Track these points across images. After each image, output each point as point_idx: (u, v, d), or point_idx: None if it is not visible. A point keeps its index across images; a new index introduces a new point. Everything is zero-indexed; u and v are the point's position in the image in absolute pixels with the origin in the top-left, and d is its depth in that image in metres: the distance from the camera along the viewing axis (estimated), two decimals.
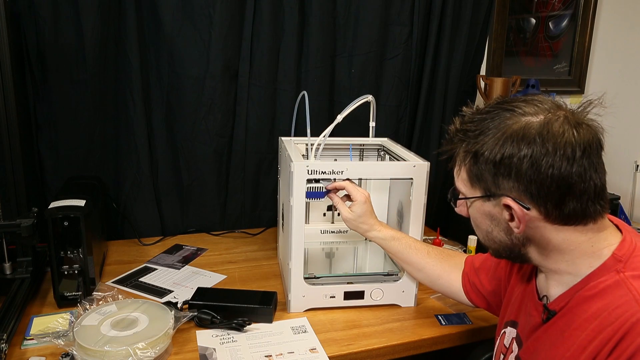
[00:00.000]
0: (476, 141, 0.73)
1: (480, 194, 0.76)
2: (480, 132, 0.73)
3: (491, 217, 0.77)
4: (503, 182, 0.71)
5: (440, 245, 1.49)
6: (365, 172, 1.29)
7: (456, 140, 0.77)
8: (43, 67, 1.39)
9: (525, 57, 2.15)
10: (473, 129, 0.74)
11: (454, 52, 1.78)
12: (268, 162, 1.69)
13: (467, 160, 0.75)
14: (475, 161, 0.73)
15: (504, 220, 0.74)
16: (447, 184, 1.92)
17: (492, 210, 0.75)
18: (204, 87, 1.54)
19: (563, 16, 2.16)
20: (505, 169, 0.70)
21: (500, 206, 0.73)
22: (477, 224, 0.82)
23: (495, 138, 0.71)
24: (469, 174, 0.76)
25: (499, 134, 0.70)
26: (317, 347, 1.04)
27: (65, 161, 1.48)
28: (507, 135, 0.70)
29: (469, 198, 0.78)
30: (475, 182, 0.76)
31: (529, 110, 0.71)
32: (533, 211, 0.71)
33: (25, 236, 1.18)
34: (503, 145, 0.69)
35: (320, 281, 1.21)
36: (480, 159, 0.72)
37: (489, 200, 0.75)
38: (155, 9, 1.46)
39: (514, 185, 0.70)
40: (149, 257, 1.48)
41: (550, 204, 0.69)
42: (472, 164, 0.75)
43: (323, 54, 1.64)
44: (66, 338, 0.96)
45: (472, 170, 0.75)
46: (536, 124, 0.69)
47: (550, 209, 0.70)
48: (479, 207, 0.78)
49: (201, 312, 1.09)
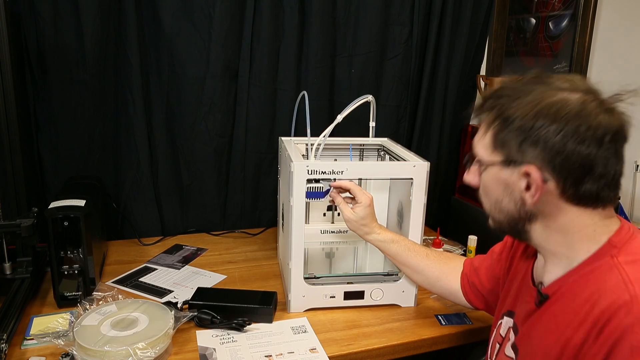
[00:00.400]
0: (509, 106, 0.73)
1: (500, 159, 0.75)
2: (515, 98, 0.73)
3: (505, 185, 0.76)
4: (529, 150, 0.71)
5: (440, 246, 1.49)
6: (365, 172, 1.29)
7: (487, 106, 0.77)
8: (43, 67, 1.39)
9: (525, 57, 2.15)
10: (507, 95, 0.74)
11: (454, 52, 1.78)
12: (268, 162, 1.69)
13: (495, 124, 0.75)
14: (505, 126, 0.73)
15: (518, 189, 0.74)
16: (447, 184, 1.93)
17: (509, 178, 0.75)
18: (204, 87, 1.54)
19: (563, 16, 2.16)
20: (534, 137, 0.70)
21: (519, 174, 0.73)
22: (487, 192, 0.80)
23: (529, 106, 0.71)
24: (494, 139, 0.76)
25: (534, 102, 0.71)
26: (317, 347, 1.05)
27: (65, 161, 1.48)
28: (542, 105, 0.70)
29: (490, 163, 0.77)
30: (498, 147, 0.75)
31: (566, 86, 0.72)
32: (551, 184, 0.71)
33: (25, 236, 1.18)
34: (537, 114, 0.70)
35: (320, 281, 1.21)
36: (511, 125, 0.72)
37: (508, 167, 0.74)
38: (155, 9, 1.46)
39: (540, 154, 0.70)
40: (149, 257, 1.48)
41: (570, 180, 0.70)
42: (500, 129, 0.74)
43: (323, 54, 1.64)
44: (66, 338, 0.96)
45: (499, 135, 0.75)
46: (573, 101, 0.69)
47: (567, 186, 0.71)
48: (494, 174, 0.77)
49: (201, 312, 1.09)
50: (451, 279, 1.09)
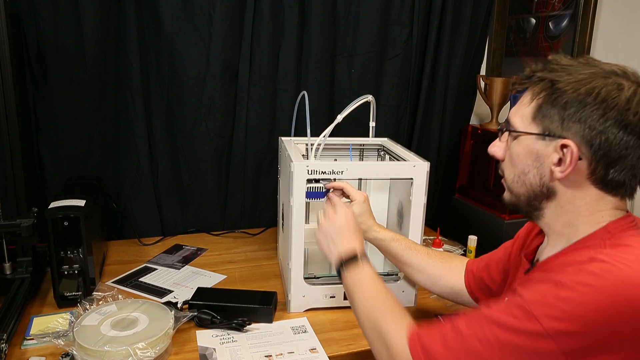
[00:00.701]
0: (561, 80, 0.73)
1: (538, 131, 0.76)
2: (568, 74, 0.73)
3: (536, 157, 0.76)
4: (572, 125, 0.72)
5: (440, 245, 1.49)
6: (365, 172, 1.29)
7: (536, 77, 0.77)
8: (43, 67, 1.39)
9: (525, 57, 2.15)
10: (560, 69, 0.75)
11: (454, 52, 1.78)
12: (268, 162, 1.69)
13: (542, 95, 0.75)
14: (552, 98, 0.73)
15: (549, 162, 0.75)
16: (447, 184, 1.93)
17: (543, 150, 0.75)
18: (204, 87, 1.54)
19: (563, 16, 2.16)
20: (581, 114, 0.71)
21: (554, 147, 0.74)
22: (514, 162, 0.80)
23: (582, 83, 0.71)
24: (537, 109, 0.76)
25: (586, 81, 0.71)
26: (317, 347, 1.05)
27: (65, 161, 1.48)
28: (594, 85, 0.71)
29: (525, 133, 0.77)
30: (538, 118, 0.75)
31: (620, 72, 0.72)
32: (583, 163, 0.72)
33: (25, 236, 1.18)
34: (588, 93, 0.70)
35: (320, 281, 1.21)
36: (559, 97, 0.73)
37: (545, 139, 0.75)
38: (155, 9, 1.46)
39: (582, 131, 0.71)
40: (149, 257, 1.48)
41: (603, 162, 0.71)
42: (546, 100, 0.74)
43: (323, 54, 1.64)
44: (66, 338, 0.96)
45: (543, 106, 0.75)
46: (626, 87, 0.70)
47: (599, 168, 0.72)
48: (528, 144, 0.77)
49: (201, 312, 1.09)
50: (454, 277, 1.08)
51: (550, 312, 0.65)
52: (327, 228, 1.01)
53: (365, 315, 0.87)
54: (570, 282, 0.66)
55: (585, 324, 0.63)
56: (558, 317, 0.64)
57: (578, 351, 0.64)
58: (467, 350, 0.70)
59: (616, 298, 0.63)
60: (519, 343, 0.66)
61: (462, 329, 0.72)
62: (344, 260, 0.95)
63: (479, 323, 0.71)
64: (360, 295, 0.90)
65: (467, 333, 0.71)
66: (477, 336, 0.69)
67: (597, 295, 0.64)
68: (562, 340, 0.64)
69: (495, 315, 0.70)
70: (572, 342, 0.64)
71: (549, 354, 0.65)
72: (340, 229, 0.99)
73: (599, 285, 0.64)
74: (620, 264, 0.66)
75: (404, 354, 0.76)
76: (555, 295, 0.66)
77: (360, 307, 0.89)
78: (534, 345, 0.65)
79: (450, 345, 0.72)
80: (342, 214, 1.01)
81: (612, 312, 0.63)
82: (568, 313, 0.64)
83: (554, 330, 0.64)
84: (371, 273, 0.92)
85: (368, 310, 0.87)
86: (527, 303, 0.67)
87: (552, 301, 0.65)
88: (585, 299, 0.64)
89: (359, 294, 0.90)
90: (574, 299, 0.64)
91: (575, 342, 0.64)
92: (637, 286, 0.64)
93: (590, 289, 0.64)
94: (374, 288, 0.89)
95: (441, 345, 0.72)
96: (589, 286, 0.64)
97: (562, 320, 0.64)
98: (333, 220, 1.01)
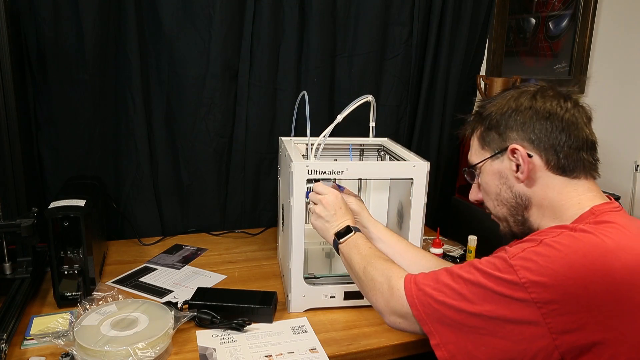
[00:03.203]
0: (485, 109, 0.90)
1: (490, 154, 0.89)
2: (488, 102, 0.90)
3: (500, 175, 0.88)
4: (509, 133, 0.85)
5: (440, 245, 1.49)
6: (365, 172, 1.29)
7: (471, 121, 0.93)
8: (43, 67, 1.39)
9: (525, 57, 2.15)
10: (482, 104, 0.92)
11: (454, 52, 1.78)
12: (268, 162, 1.69)
13: (478, 128, 0.91)
14: (485, 124, 0.89)
15: (511, 173, 0.86)
16: (447, 184, 1.93)
17: (501, 166, 0.87)
18: (204, 87, 1.54)
19: (563, 16, 2.16)
20: (509, 121, 0.85)
21: (508, 158, 0.86)
22: (487, 191, 0.92)
23: (500, 103, 0.87)
24: (480, 140, 0.91)
25: (504, 98, 0.88)
26: (317, 347, 1.05)
27: (65, 161, 1.48)
28: (509, 97, 0.87)
29: (482, 161, 0.90)
30: (485, 144, 0.89)
31: (529, 88, 0.88)
32: (535, 158, 0.83)
33: (25, 236, 1.18)
34: (507, 103, 0.86)
35: (320, 281, 1.21)
36: (490, 121, 0.88)
37: (498, 157, 0.88)
38: (155, 9, 1.46)
39: (519, 134, 0.84)
40: (149, 257, 1.48)
41: (550, 151, 0.82)
42: (483, 130, 0.90)
43: (323, 54, 1.64)
44: (66, 338, 0.96)
45: (483, 134, 0.89)
46: (531, 89, 0.87)
47: (550, 156, 0.82)
48: (488, 170, 0.90)
49: (201, 312, 1.09)
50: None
51: (527, 264, 0.71)
52: (319, 211, 1.06)
53: (362, 272, 0.93)
54: (549, 241, 0.73)
55: (556, 277, 0.69)
56: (532, 269, 0.71)
57: (550, 303, 0.69)
58: (452, 288, 0.77)
59: (589, 257, 0.70)
60: (497, 289, 0.73)
61: (452, 271, 0.80)
62: (339, 233, 1.02)
63: (467, 269, 0.78)
64: (356, 256, 0.96)
65: (457, 274, 0.79)
66: (463, 277, 0.77)
67: (571, 253, 0.70)
68: (534, 291, 0.70)
69: (482, 264, 0.77)
70: (545, 293, 0.69)
71: (523, 303, 0.70)
72: (332, 209, 1.05)
73: (574, 245, 0.71)
74: (599, 234, 0.72)
75: (398, 290, 0.84)
76: (534, 250, 0.73)
77: (357, 266, 0.95)
78: (510, 292, 0.72)
79: (440, 280, 0.80)
80: (330, 196, 1.06)
81: (582, 269, 0.69)
82: (542, 266, 0.70)
83: (527, 280, 0.70)
84: (365, 238, 1.00)
85: (365, 265, 0.93)
86: (509, 256, 0.74)
87: (530, 255, 0.72)
88: (559, 254, 0.71)
89: (355, 256, 0.96)
90: (549, 254, 0.71)
91: (547, 294, 0.69)
92: (611, 252, 0.70)
93: (565, 248, 0.71)
94: (369, 247, 0.97)
95: (432, 280, 0.81)
96: (565, 245, 0.71)
97: (535, 272, 0.70)
98: (323, 203, 1.06)
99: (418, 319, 0.80)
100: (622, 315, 0.69)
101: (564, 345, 0.69)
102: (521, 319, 0.71)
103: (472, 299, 0.75)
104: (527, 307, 0.70)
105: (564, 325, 0.69)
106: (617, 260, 0.69)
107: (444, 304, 0.77)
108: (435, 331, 0.78)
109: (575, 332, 0.69)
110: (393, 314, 0.85)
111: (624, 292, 0.69)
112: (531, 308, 0.70)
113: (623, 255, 0.70)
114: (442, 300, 0.77)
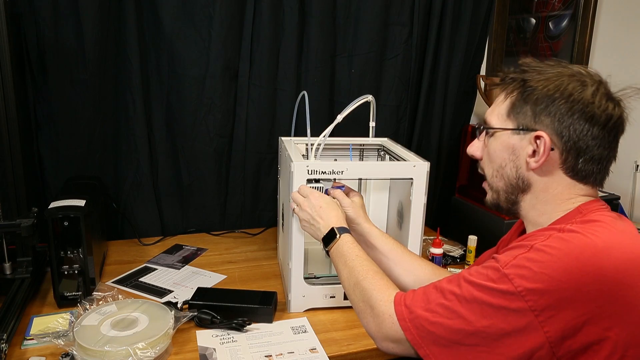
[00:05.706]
0: (532, 79, 0.81)
1: (513, 126, 0.82)
2: (538, 72, 0.81)
3: (512, 150, 0.83)
4: (544, 118, 0.79)
5: (440, 245, 1.49)
6: (365, 172, 1.29)
7: (509, 79, 0.84)
8: (43, 67, 1.39)
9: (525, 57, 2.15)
10: (530, 70, 0.82)
11: (454, 52, 1.78)
12: (268, 162, 1.69)
13: (515, 93, 0.82)
14: (524, 95, 0.81)
15: (524, 154, 0.81)
16: (447, 184, 1.93)
17: (518, 143, 0.82)
18: (204, 87, 1.54)
19: (563, 16, 2.16)
20: (551, 107, 0.78)
21: (528, 140, 0.80)
22: (492, 158, 0.86)
23: (551, 81, 0.79)
24: (511, 107, 0.83)
25: (555, 78, 0.79)
26: (317, 347, 1.05)
27: (65, 161, 1.48)
28: (562, 82, 0.78)
29: (501, 129, 0.84)
30: (512, 114, 0.82)
31: (583, 72, 0.81)
32: (555, 153, 0.79)
33: (25, 236, 1.18)
34: (557, 89, 0.78)
35: (320, 281, 1.21)
36: (531, 94, 0.80)
37: (519, 133, 0.82)
38: (155, 9, 1.46)
39: (552, 124, 0.78)
40: (149, 257, 1.48)
41: (573, 152, 0.78)
42: (518, 98, 0.82)
43: (323, 54, 1.64)
44: (66, 338, 0.96)
45: (516, 103, 0.82)
46: (589, 84, 0.78)
47: (570, 157, 0.79)
48: (504, 140, 0.84)
49: (201, 312, 1.09)
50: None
51: (521, 272, 0.70)
52: (303, 215, 1.05)
53: (351, 290, 0.90)
54: (540, 246, 0.71)
55: (551, 281, 0.68)
56: (527, 276, 0.69)
57: (547, 310, 0.68)
58: (446, 307, 0.74)
59: (581, 259, 0.69)
60: (493, 301, 0.71)
61: (442, 288, 0.77)
62: (325, 238, 1.00)
63: (457, 283, 0.76)
64: (344, 270, 0.94)
65: (447, 289, 0.76)
66: (455, 294, 0.74)
67: (563, 256, 0.69)
68: (531, 299, 0.68)
69: (473, 275, 0.75)
70: (541, 300, 0.68)
71: (520, 312, 0.69)
72: (316, 211, 1.03)
73: (565, 248, 0.70)
74: (588, 233, 0.72)
75: (389, 316, 0.80)
76: (526, 257, 0.71)
77: (345, 282, 0.93)
78: (506, 304, 0.70)
79: (431, 299, 0.77)
80: (313, 198, 1.05)
81: (576, 272, 0.68)
82: (536, 272, 0.69)
83: (523, 289, 0.69)
84: (351, 242, 0.96)
85: (354, 283, 0.90)
86: (501, 265, 0.72)
87: (522, 262, 0.71)
88: (552, 259, 0.69)
89: (343, 269, 0.94)
90: (542, 259, 0.70)
91: (543, 300, 0.68)
92: (601, 251, 0.70)
93: (557, 251, 0.70)
94: (356, 255, 0.93)
95: (422, 301, 0.78)
96: (556, 249, 0.70)
97: (530, 279, 0.69)
98: (305, 206, 1.05)
99: (413, 343, 0.77)
100: (615, 315, 0.69)
101: (561, 350, 0.69)
102: (519, 330, 0.69)
103: (467, 316, 0.72)
104: (524, 316, 0.69)
105: (562, 332, 0.68)
106: (608, 259, 0.69)
107: (438, 325, 0.74)
108: (432, 354, 0.75)
109: (572, 336, 0.69)
110: (386, 339, 0.81)
111: (616, 290, 0.69)
112: (528, 317, 0.69)
113: (613, 254, 0.70)
114: (435, 321, 0.75)
